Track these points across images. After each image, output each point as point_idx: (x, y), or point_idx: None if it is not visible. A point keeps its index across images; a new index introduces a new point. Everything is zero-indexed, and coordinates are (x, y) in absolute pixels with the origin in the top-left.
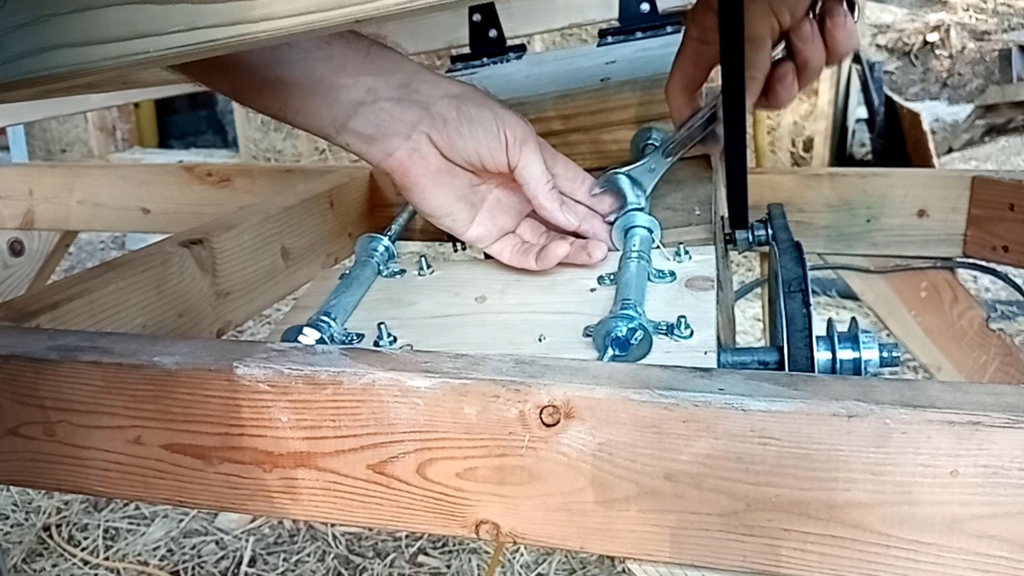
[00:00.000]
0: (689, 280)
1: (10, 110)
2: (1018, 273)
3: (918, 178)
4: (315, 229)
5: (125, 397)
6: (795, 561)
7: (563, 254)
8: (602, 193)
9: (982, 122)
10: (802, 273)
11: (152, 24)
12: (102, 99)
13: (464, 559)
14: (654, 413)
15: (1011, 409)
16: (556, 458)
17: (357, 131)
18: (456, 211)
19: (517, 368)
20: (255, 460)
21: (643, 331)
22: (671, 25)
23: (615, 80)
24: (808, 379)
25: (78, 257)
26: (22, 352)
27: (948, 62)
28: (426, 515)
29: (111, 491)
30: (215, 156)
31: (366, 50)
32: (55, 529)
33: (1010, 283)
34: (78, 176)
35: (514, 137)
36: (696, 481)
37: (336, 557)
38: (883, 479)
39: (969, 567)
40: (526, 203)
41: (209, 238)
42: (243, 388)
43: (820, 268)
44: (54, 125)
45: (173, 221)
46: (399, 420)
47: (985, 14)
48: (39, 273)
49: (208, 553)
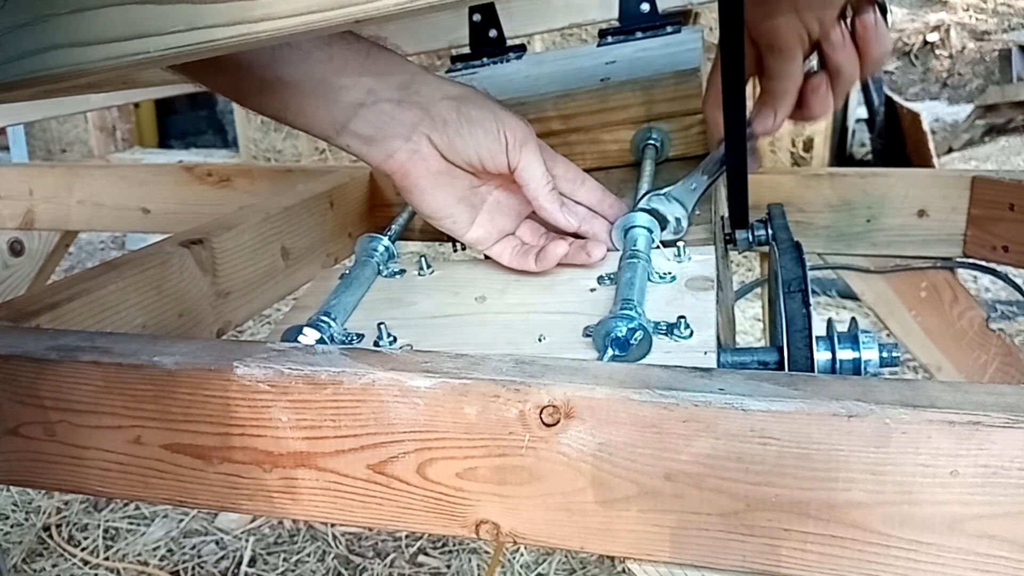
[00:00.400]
0: (689, 280)
1: (10, 110)
2: (1018, 273)
3: (918, 178)
4: (315, 229)
5: (125, 397)
6: (795, 561)
7: (562, 254)
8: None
9: (982, 122)
10: (802, 273)
11: (152, 24)
12: (102, 99)
13: (464, 559)
14: (654, 413)
15: (1011, 409)
16: (556, 458)
17: (357, 133)
18: (456, 213)
19: (517, 368)
20: (255, 460)
21: (643, 331)
22: (671, 25)
23: (615, 80)
24: (808, 379)
25: (78, 257)
26: (22, 352)
27: (948, 62)
28: (426, 515)
29: (111, 491)
30: (215, 156)
31: (366, 52)
32: (55, 529)
33: (1010, 283)
34: (78, 176)
35: (514, 138)
36: (696, 481)
37: (336, 557)
38: (883, 479)
39: (969, 567)
40: (526, 205)
41: (209, 238)
42: (243, 388)
43: (820, 268)
44: (54, 125)
45: (173, 221)
46: (399, 420)
47: (985, 14)
48: (39, 273)
49: (208, 553)
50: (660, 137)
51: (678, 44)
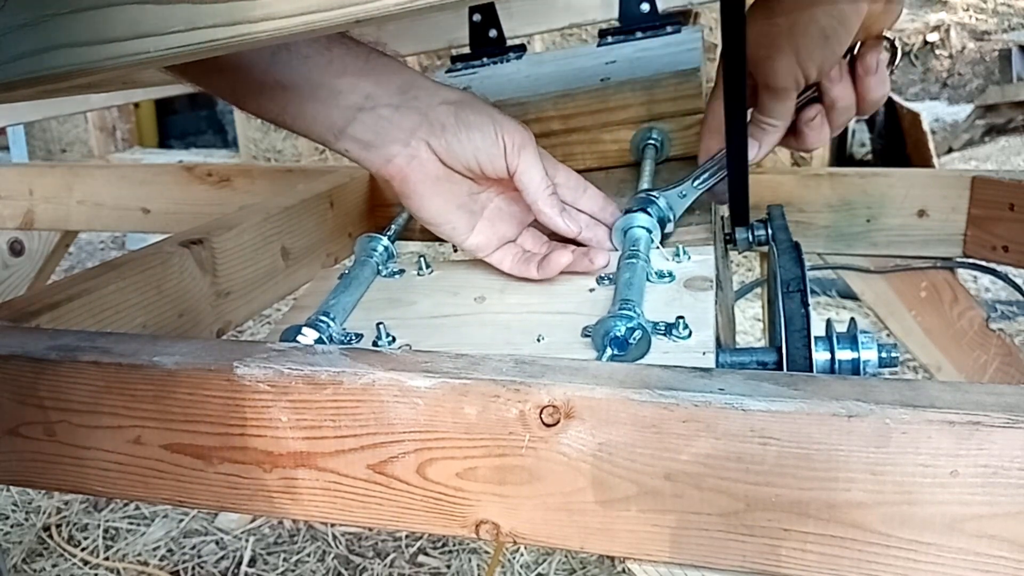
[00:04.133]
0: (688, 280)
1: (10, 110)
2: (1018, 273)
3: (918, 178)
4: (315, 229)
5: (125, 397)
6: (795, 561)
7: (566, 263)
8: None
9: (982, 122)
10: (801, 273)
11: (152, 24)
12: (102, 99)
13: (464, 559)
14: (654, 413)
15: (1011, 409)
16: (556, 458)
17: (356, 137)
18: (455, 219)
19: (517, 368)
20: (255, 460)
21: (641, 331)
22: (671, 25)
23: (615, 80)
24: (808, 379)
25: (78, 257)
26: (22, 352)
27: (948, 62)
28: (426, 515)
29: (111, 491)
30: (215, 156)
31: (365, 56)
32: (55, 529)
33: (1010, 283)
34: (78, 176)
35: (512, 142)
36: (696, 481)
37: (336, 557)
38: (883, 479)
39: (969, 567)
40: (527, 212)
41: (209, 238)
42: (243, 388)
43: (820, 268)
44: (54, 125)
45: (173, 221)
46: (399, 420)
47: (985, 14)
48: (39, 273)
49: (208, 553)
50: (660, 137)
51: (678, 44)
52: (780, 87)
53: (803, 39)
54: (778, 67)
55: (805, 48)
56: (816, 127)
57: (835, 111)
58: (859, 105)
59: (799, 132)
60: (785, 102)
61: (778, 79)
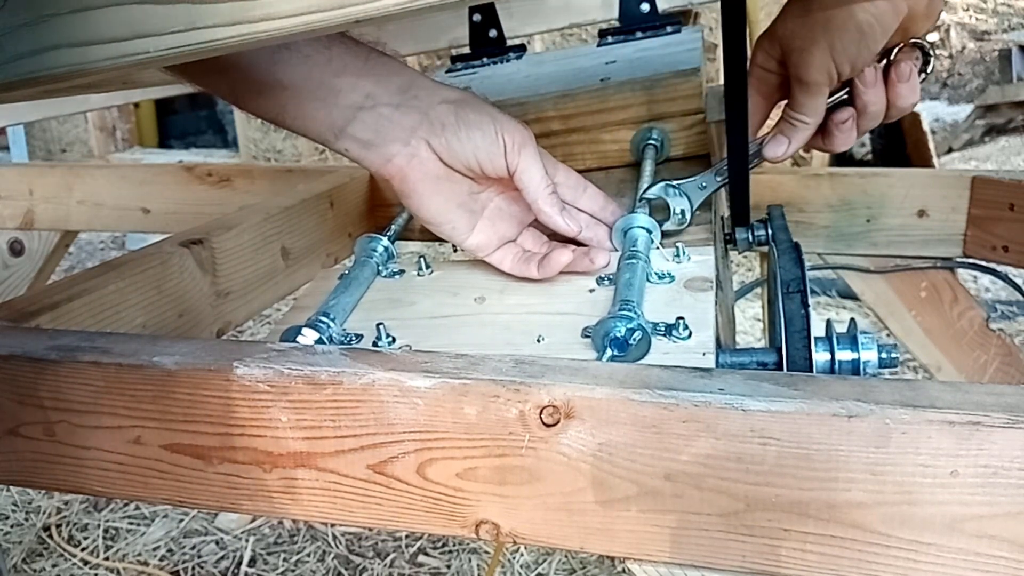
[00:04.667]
0: (688, 281)
1: (10, 110)
2: (1018, 273)
3: (918, 178)
4: (315, 229)
5: (125, 397)
6: (795, 561)
7: (566, 262)
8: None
9: (982, 122)
10: (801, 274)
11: (152, 24)
12: (102, 99)
13: (464, 559)
14: (654, 413)
15: (1011, 409)
16: (556, 458)
17: (356, 136)
18: (455, 218)
19: (517, 368)
20: (255, 460)
21: (641, 331)
22: (671, 25)
23: (615, 80)
24: (808, 379)
25: (78, 257)
26: (22, 352)
27: (948, 62)
28: (426, 515)
29: (111, 491)
30: (215, 156)
31: (365, 56)
32: (55, 529)
33: (1010, 283)
34: (78, 176)
35: (512, 141)
36: (696, 481)
37: (336, 557)
38: (883, 479)
39: (969, 567)
40: (527, 212)
41: (209, 238)
42: (243, 388)
43: (820, 268)
44: (54, 125)
45: (173, 221)
46: (399, 420)
47: (985, 14)
48: (39, 273)
49: (208, 553)
50: (660, 137)
51: (678, 44)
52: (812, 80)
53: (839, 33)
54: (812, 60)
55: (840, 43)
56: (846, 129)
57: (866, 115)
58: (887, 111)
59: (828, 133)
60: (817, 97)
61: (811, 72)
